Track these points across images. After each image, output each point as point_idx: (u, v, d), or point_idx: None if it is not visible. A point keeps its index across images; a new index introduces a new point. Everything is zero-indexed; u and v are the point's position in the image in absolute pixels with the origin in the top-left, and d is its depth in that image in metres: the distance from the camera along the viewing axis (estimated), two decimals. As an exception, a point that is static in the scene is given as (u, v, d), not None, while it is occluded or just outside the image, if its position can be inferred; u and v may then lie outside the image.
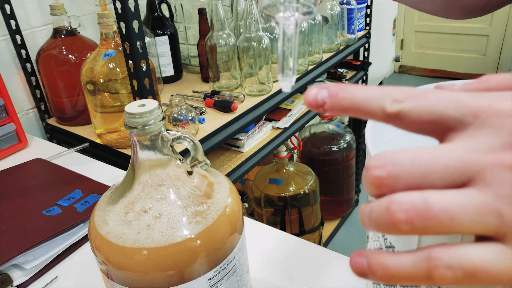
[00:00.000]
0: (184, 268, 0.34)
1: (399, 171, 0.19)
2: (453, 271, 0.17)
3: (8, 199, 0.67)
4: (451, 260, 0.18)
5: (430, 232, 0.18)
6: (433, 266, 0.18)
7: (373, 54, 1.87)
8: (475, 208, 0.18)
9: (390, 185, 0.19)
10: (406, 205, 0.18)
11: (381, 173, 0.19)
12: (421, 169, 0.19)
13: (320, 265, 0.54)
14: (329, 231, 1.87)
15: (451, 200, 0.18)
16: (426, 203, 0.18)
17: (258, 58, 1.07)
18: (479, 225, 0.18)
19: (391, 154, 0.19)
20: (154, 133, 0.35)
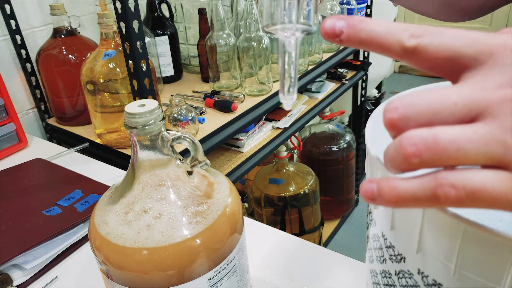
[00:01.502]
0: (184, 268, 0.34)
1: (410, 112, 0.20)
2: (456, 190, 0.18)
3: (8, 199, 0.67)
4: (456, 179, 0.18)
5: (438, 163, 0.19)
6: (438, 184, 0.19)
7: (373, 54, 1.86)
8: (481, 139, 0.18)
9: (402, 126, 0.20)
10: (415, 139, 0.19)
11: (393, 115, 0.20)
12: (431, 108, 0.19)
13: (320, 265, 0.54)
14: (329, 231, 1.87)
15: (458, 133, 0.19)
16: (434, 136, 0.19)
17: (258, 58, 1.07)
18: (484, 154, 0.18)
19: (403, 97, 0.20)
20: (154, 133, 0.35)
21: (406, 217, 0.25)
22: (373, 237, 0.31)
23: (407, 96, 0.20)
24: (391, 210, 0.27)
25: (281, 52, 0.25)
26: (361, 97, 1.92)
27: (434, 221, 0.23)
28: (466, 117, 0.19)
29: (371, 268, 0.33)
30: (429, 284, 0.25)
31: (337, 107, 2.11)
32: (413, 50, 0.21)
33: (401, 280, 0.28)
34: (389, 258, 0.29)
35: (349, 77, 1.62)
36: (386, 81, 2.87)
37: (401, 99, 0.20)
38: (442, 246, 0.23)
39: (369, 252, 0.33)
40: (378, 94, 2.45)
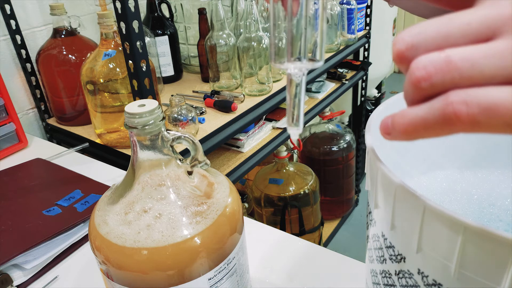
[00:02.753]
0: (184, 268, 0.34)
1: (418, 39, 0.18)
2: (468, 106, 0.16)
3: (8, 199, 0.67)
4: (468, 95, 0.16)
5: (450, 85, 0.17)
6: (448, 102, 0.17)
7: (373, 54, 1.87)
8: (498, 54, 0.17)
9: (411, 56, 0.18)
10: (424, 61, 0.17)
11: (401, 46, 0.18)
12: (441, 32, 0.18)
13: (320, 265, 0.54)
14: (329, 231, 1.87)
15: (472, 50, 0.17)
16: (445, 55, 0.17)
17: (258, 58, 1.07)
18: (502, 69, 0.16)
19: (412, 27, 0.18)
20: (154, 133, 0.35)
21: (406, 217, 0.25)
22: (373, 237, 0.31)
23: (417, 24, 0.18)
24: (391, 210, 0.27)
25: (288, 84, 0.26)
26: (361, 97, 1.92)
27: (434, 221, 0.23)
28: (481, 37, 0.17)
29: (371, 268, 0.33)
30: (429, 284, 0.25)
31: (337, 107, 2.11)
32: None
33: (401, 280, 0.28)
34: (389, 258, 0.29)
35: (349, 77, 1.62)
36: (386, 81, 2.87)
37: (409, 28, 0.19)
38: (442, 246, 0.23)
39: (369, 252, 0.33)
40: (378, 94, 2.45)
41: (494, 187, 0.38)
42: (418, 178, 0.40)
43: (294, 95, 0.26)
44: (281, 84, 1.16)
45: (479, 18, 0.17)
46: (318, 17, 0.25)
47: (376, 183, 0.28)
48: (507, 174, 0.39)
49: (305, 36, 0.25)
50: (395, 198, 0.26)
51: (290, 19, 0.24)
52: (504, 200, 0.36)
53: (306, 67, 0.25)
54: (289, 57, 0.25)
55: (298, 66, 0.25)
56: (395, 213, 0.26)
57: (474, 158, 0.40)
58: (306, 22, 0.24)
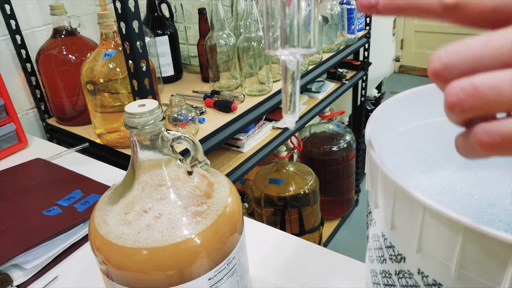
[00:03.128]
0: (184, 268, 0.34)
1: (453, 60, 0.19)
2: (491, 137, 0.18)
3: (8, 199, 0.67)
4: (491, 128, 0.18)
5: (479, 111, 0.18)
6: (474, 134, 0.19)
7: (373, 54, 1.87)
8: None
9: (446, 76, 0.19)
10: (455, 88, 0.19)
11: (436, 65, 0.20)
12: (475, 55, 0.19)
13: (320, 265, 0.54)
14: (329, 231, 1.87)
15: (499, 78, 0.18)
16: (473, 83, 0.18)
17: (258, 58, 1.07)
18: None
19: (447, 46, 0.20)
20: (154, 133, 0.35)
21: (406, 217, 0.25)
22: (373, 237, 0.31)
23: (452, 44, 0.20)
24: (391, 210, 0.27)
25: (283, 71, 0.26)
26: (361, 97, 1.92)
27: (434, 221, 0.23)
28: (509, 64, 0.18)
29: (371, 268, 0.33)
30: (429, 284, 0.25)
31: (337, 107, 2.11)
32: (455, 7, 0.20)
33: (401, 280, 0.28)
34: (389, 258, 0.29)
35: (349, 77, 1.62)
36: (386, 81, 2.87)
37: (446, 47, 0.20)
38: (442, 246, 0.23)
39: (369, 252, 0.33)
40: (378, 94, 2.45)
41: (494, 187, 0.38)
42: (418, 178, 0.40)
43: (289, 82, 0.26)
44: (281, 84, 1.16)
45: (509, 43, 0.18)
46: (311, 3, 0.25)
47: (376, 183, 0.28)
48: (507, 174, 0.39)
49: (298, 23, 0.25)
50: (395, 198, 0.26)
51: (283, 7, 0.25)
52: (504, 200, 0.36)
53: (300, 53, 0.25)
54: (283, 44, 0.25)
55: (292, 51, 0.25)
56: (395, 213, 0.26)
57: (474, 158, 0.40)
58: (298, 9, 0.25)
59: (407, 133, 0.38)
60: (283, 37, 0.25)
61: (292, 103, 0.26)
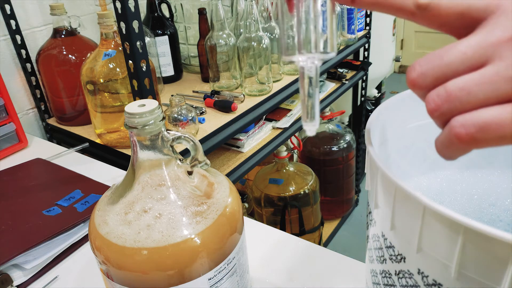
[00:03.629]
0: (184, 268, 0.34)
1: (426, 68, 0.21)
2: (466, 128, 0.20)
3: (8, 199, 0.67)
4: (464, 119, 0.20)
5: (456, 112, 0.20)
6: (451, 127, 0.20)
7: (373, 54, 1.87)
8: (488, 79, 0.20)
9: (421, 83, 0.21)
10: (432, 96, 0.21)
11: (413, 75, 0.22)
12: (443, 61, 0.21)
13: (320, 265, 0.54)
14: (329, 231, 1.87)
15: (467, 80, 0.20)
16: (445, 89, 0.20)
17: (258, 58, 1.07)
18: (493, 92, 0.19)
19: (421, 58, 0.22)
20: (154, 133, 0.35)
21: (406, 217, 0.25)
22: (373, 237, 0.31)
23: (426, 55, 0.22)
24: (391, 210, 0.27)
25: (301, 78, 0.25)
26: (361, 97, 1.92)
27: (434, 221, 0.23)
28: (476, 64, 0.20)
29: (371, 268, 0.33)
30: (429, 284, 0.25)
31: (337, 107, 2.11)
32: (426, 7, 0.22)
33: (401, 280, 0.28)
34: (389, 258, 0.29)
35: (349, 77, 1.62)
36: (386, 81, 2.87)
37: (419, 60, 0.22)
38: (442, 246, 0.23)
39: (369, 252, 0.33)
40: (378, 94, 2.45)
41: (494, 187, 0.38)
42: (418, 178, 0.40)
43: (307, 89, 0.25)
44: (281, 84, 1.16)
45: (473, 47, 0.21)
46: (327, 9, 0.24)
47: (376, 183, 0.28)
48: (507, 174, 0.39)
49: (315, 29, 0.24)
50: (395, 198, 0.26)
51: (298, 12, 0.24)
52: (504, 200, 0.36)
53: (319, 58, 0.25)
54: (299, 49, 0.25)
55: (310, 57, 0.25)
56: (395, 213, 0.26)
57: (474, 158, 0.40)
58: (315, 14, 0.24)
59: (407, 133, 0.38)
60: (300, 42, 0.25)
61: (311, 111, 0.26)
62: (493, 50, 0.20)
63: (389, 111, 0.35)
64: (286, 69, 1.24)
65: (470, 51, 0.20)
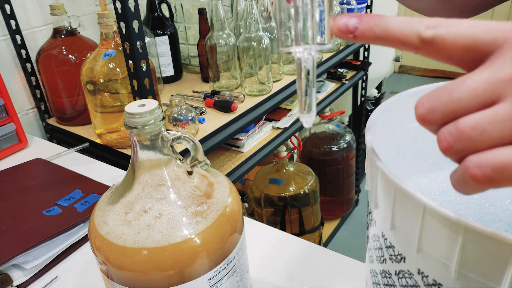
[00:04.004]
0: (184, 268, 0.34)
1: (435, 105, 0.21)
2: (482, 170, 0.19)
3: (8, 199, 0.67)
4: (480, 160, 0.19)
5: (469, 151, 0.20)
6: (465, 168, 0.20)
7: (373, 54, 1.87)
8: (501, 118, 0.19)
9: (430, 118, 0.21)
10: (444, 134, 0.20)
11: (421, 110, 0.21)
12: (453, 98, 0.20)
13: (320, 265, 0.54)
14: (329, 231, 1.87)
15: (479, 118, 0.19)
16: (457, 127, 0.20)
17: (258, 58, 1.07)
18: (506, 132, 0.19)
19: (429, 93, 0.21)
20: (154, 133, 0.35)
21: (406, 217, 0.25)
22: (373, 237, 0.31)
23: (434, 89, 0.21)
24: (391, 210, 0.27)
25: (298, 70, 0.26)
26: (361, 97, 1.92)
27: (434, 221, 0.23)
28: (487, 101, 0.20)
29: (371, 268, 0.33)
30: (429, 284, 0.25)
31: (337, 107, 2.11)
32: (431, 41, 0.21)
33: (401, 280, 0.28)
34: (389, 258, 0.29)
35: (349, 77, 1.62)
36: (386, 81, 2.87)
37: (427, 93, 0.21)
38: (442, 246, 0.23)
39: (369, 252, 0.33)
40: (378, 94, 2.45)
41: (494, 187, 0.38)
42: (418, 178, 0.40)
43: (304, 80, 0.26)
44: (281, 84, 1.16)
45: (483, 83, 0.20)
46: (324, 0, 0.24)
47: (376, 183, 0.28)
48: (507, 174, 0.39)
49: (312, 20, 0.24)
50: (395, 198, 0.26)
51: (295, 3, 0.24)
52: (504, 200, 0.36)
53: (315, 49, 0.25)
54: (296, 41, 0.25)
55: (307, 49, 0.25)
56: (395, 213, 0.26)
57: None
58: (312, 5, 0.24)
59: (407, 133, 0.38)
60: (297, 34, 0.24)
61: (307, 102, 0.26)
62: (504, 86, 0.19)
63: (389, 111, 0.35)
64: (286, 69, 1.24)
65: (480, 87, 0.20)
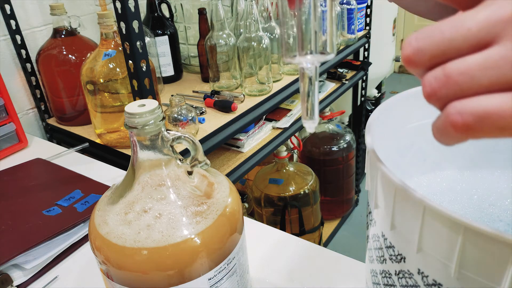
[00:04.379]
0: (184, 268, 0.34)
1: (424, 44, 0.19)
2: (462, 116, 0.18)
3: (8, 199, 0.67)
4: (462, 106, 0.18)
5: (454, 97, 0.18)
6: (447, 114, 0.18)
7: (373, 54, 1.87)
8: (493, 63, 0.17)
9: (417, 60, 0.19)
10: (430, 78, 0.19)
11: (408, 50, 0.19)
12: (444, 36, 0.19)
13: (320, 265, 0.54)
14: (329, 231, 1.87)
15: (469, 63, 0.18)
16: (444, 71, 0.18)
17: (258, 58, 1.07)
18: (497, 79, 0.17)
19: (419, 31, 0.19)
20: (154, 133, 0.35)
21: (406, 217, 0.25)
22: (373, 237, 0.31)
23: (424, 28, 0.19)
24: (391, 210, 0.27)
25: (301, 78, 0.26)
26: (361, 97, 1.92)
27: (434, 221, 0.23)
28: (481, 42, 0.18)
29: (371, 268, 0.33)
30: (429, 284, 0.25)
31: (337, 107, 2.11)
32: None
33: (401, 280, 0.28)
34: (389, 258, 0.29)
35: (349, 77, 1.62)
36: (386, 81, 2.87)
37: (417, 32, 0.19)
38: (442, 246, 0.23)
39: (369, 252, 0.33)
40: (378, 94, 2.45)
41: (494, 187, 0.38)
42: (418, 178, 0.40)
43: (307, 87, 0.26)
44: (281, 84, 1.16)
45: (478, 24, 0.18)
46: (327, 10, 0.24)
47: (376, 183, 0.28)
48: (507, 174, 0.39)
49: (314, 30, 0.25)
50: (395, 198, 0.26)
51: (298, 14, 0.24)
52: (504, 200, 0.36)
53: (318, 60, 0.25)
54: (300, 51, 0.25)
55: (310, 59, 0.25)
56: (395, 213, 0.26)
57: (474, 158, 0.40)
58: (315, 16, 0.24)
59: (407, 133, 0.38)
60: (299, 44, 0.25)
61: (311, 108, 0.26)
62: (502, 27, 0.18)
63: (389, 111, 0.35)
64: (286, 69, 1.24)
65: (475, 27, 0.18)
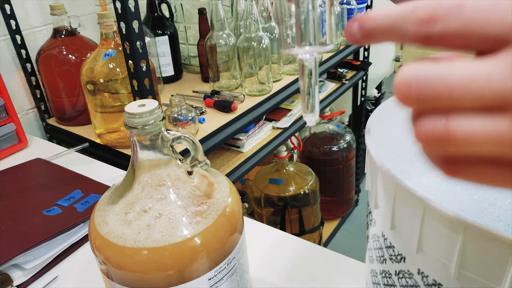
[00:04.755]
0: (184, 268, 0.34)
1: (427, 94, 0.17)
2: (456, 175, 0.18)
3: (8, 199, 0.67)
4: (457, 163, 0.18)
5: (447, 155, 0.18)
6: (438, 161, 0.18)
7: (373, 54, 1.87)
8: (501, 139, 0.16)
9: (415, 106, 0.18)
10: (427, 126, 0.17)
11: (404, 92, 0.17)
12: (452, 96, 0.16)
13: (320, 265, 0.54)
14: (329, 231, 1.87)
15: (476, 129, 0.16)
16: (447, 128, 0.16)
17: (258, 58, 1.07)
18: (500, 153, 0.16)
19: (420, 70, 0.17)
20: (154, 133, 0.35)
21: (406, 217, 0.25)
22: (373, 237, 0.31)
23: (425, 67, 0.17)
24: (391, 210, 0.27)
25: (300, 70, 0.26)
26: (361, 97, 1.92)
27: (434, 221, 0.23)
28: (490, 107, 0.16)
29: (371, 268, 0.33)
30: (429, 284, 0.25)
31: (337, 107, 2.11)
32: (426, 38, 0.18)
33: (401, 280, 0.28)
34: (389, 258, 0.29)
35: (349, 77, 1.62)
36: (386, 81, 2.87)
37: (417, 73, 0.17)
38: (442, 246, 0.23)
39: (369, 252, 0.33)
40: (378, 94, 2.45)
41: (494, 187, 0.38)
42: (418, 178, 0.40)
43: (307, 80, 0.26)
44: (281, 84, 1.16)
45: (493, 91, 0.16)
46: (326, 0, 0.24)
47: (376, 183, 0.28)
48: (507, 174, 0.39)
49: (313, 21, 0.24)
50: (395, 198, 0.26)
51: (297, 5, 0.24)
52: (504, 200, 0.36)
53: (317, 51, 0.25)
54: (298, 42, 0.25)
55: (309, 50, 0.25)
56: (395, 213, 0.26)
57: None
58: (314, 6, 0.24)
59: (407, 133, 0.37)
60: (298, 35, 0.24)
61: (311, 101, 0.26)
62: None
63: (389, 111, 0.35)
64: (286, 69, 1.24)
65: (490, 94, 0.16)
